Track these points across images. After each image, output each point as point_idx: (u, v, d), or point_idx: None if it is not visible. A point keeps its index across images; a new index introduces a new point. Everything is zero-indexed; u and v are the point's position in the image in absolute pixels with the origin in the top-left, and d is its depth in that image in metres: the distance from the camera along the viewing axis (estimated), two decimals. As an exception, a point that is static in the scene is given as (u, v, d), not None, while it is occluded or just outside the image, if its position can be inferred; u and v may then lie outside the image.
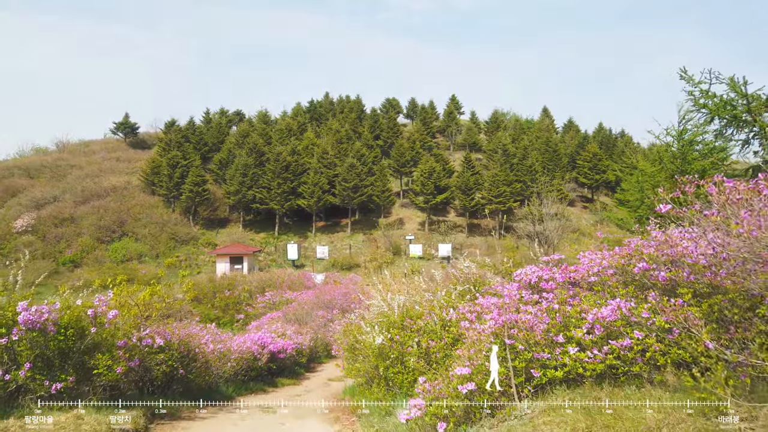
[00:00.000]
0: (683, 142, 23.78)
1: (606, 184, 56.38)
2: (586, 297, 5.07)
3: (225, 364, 10.81)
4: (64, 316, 6.57)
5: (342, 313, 20.93)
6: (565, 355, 4.66)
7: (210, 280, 31.95)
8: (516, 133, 62.78)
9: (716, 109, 11.47)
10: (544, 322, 4.88)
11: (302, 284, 29.64)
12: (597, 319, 4.54)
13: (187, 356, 9.15)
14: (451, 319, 7.65)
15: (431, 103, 73.95)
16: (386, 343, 7.76)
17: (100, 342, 6.79)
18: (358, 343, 8.74)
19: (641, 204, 31.58)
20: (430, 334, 7.73)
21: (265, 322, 18.86)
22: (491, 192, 46.98)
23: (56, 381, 6.35)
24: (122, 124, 65.07)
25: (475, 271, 8.41)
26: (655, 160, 27.35)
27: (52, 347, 6.47)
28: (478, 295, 7.00)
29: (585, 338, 4.60)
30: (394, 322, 8.12)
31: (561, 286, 6.15)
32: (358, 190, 46.52)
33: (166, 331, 9.00)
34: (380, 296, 8.38)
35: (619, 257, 5.00)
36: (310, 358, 16.45)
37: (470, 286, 8.48)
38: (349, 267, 39.34)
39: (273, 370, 13.28)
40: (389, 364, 7.67)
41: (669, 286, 4.58)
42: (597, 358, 4.40)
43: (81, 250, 40.57)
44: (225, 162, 51.92)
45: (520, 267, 9.51)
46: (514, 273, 6.86)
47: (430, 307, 8.09)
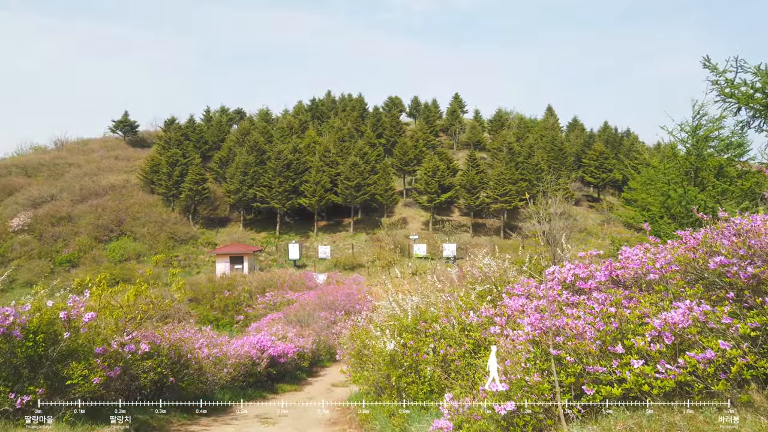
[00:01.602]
0: (698, 138, 22.80)
1: (612, 183, 55.49)
2: (645, 298, 4.24)
3: (221, 370, 10.00)
4: (33, 319, 5.77)
5: (346, 315, 20.12)
6: (625, 369, 3.84)
7: (209, 280, 31.13)
8: (520, 132, 61.90)
9: (745, 98, 10.59)
10: (597, 328, 4.06)
11: (304, 284, 28.83)
12: (666, 324, 3.71)
13: (178, 362, 8.35)
14: (471, 323, 6.83)
15: (434, 101, 73.07)
16: (398, 350, 6.94)
17: (76, 348, 5.98)
18: (366, 348, 7.92)
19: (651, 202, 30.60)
20: (448, 340, 6.91)
21: (265, 323, 18.06)
22: (496, 191, 46.12)
23: (23, 393, 5.54)
24: (121, 122, 64.25)
25: (496, 269, 7.59)
26: (668, 157, 26.35)
27: (20, 355, 5.66)
28: (503, 296, 6.17)
29: (650, 348, 3.77)
30: (406, 325, 7.30)
31: (602, 285, 5.33)
32: (361, 189, 45.68)
33: (155, 335, 8.20)
34: (391, 297, 7.55)
35: (685, 251, 4.17)
36: (313, 362, 15.65)
37: (490, 285, 7.66)
38: (352, 267, 38.51)
39: (273, 376, 12.49)
40: (402, 373, 6.85)
41: (753, 285, 3.75)
42: (670, 373, 3.57)
43: (78, 249, 39.77)
44: (225, 160, 51.12)
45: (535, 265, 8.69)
46: (546, 271, 6.04)
47: (447, 309, 7.27)
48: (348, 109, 67.06)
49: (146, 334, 7.97)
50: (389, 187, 48.26)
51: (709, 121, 21.87)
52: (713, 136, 22.34)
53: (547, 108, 74.47)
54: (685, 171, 20.98)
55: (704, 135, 21.71)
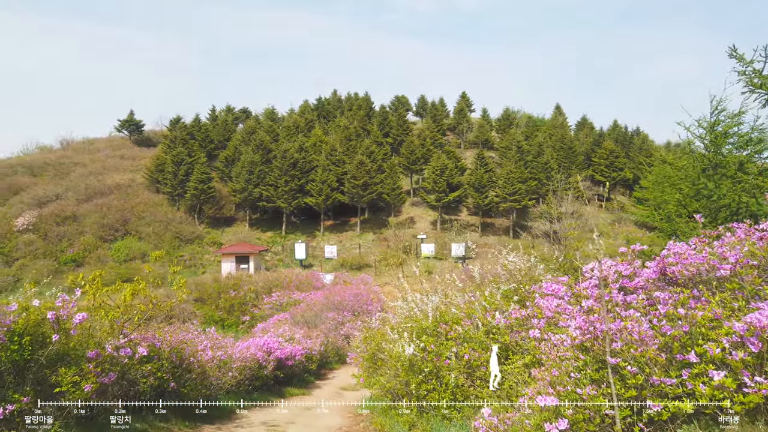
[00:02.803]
0: (716, 134, 22.02)
1: (623, 182, 54.70)
2: (715, 297, 3.65)
3: (225, 373, 9.45)
4: (19, 320, 5.23)
5: (354, 316, 19.57)
6: (698, 380, 3.25)
7: (215, 279, 30.66)
8: (529, 131, 61.14)
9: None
10: (662, 332, 3.47)
11: (311, 284, 28.30)
12: (751, 328, 3.13)
13: (179, 366, 7.80)
14: (497, 325, 6.25)
15: (441, 100, 72.36)
16: (418, 354, 6.37)
17: (66, 352, 5.44)
18: (381, 352, 7.35)
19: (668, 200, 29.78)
20: (472, 344, 6.33)
21: (271, 324, 17.53)
22: (505, 190, 45.40)
23: (7, 402, 5.01)
24: (127, 122, 63.94)
25: (522, 266, 7.00)
26: (684, 154, 25.53)
27: (4, 359, 5.13)
28: (536, 296, 5.59)
29: (731, 357, 3.18)
30: (426, 328, 6.73)
31: (651, 284, 4.75)
32: (368, 188, 45.09)
33: (156, 337, 7.66)
34: (410, 296, 6.97)
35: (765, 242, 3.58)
36: (321, 364, 15.10)
37: (516, 284, 7.08)
38: (359, 267, 37.94)
39: (280, 379, 11.94)
40: (422, 380, 6.28)
41: None
42: (761, 387, 2.98)
43: (83, 249, 39.41)
44: (231, 159, 50.66)
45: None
46: (584, 267, 5.45)
47: (470, 311, 6.69)
48: (354, 108, 66.48)
49: (146, 337, 7.43)
50: (396, 186, 47.63)
51: (727, 117, 21.13)
52: (732, 132, 21.59)
53: (555, 107, 73.66)
54: (702, 168, 20.26)
55: (723, 131, 20.98)
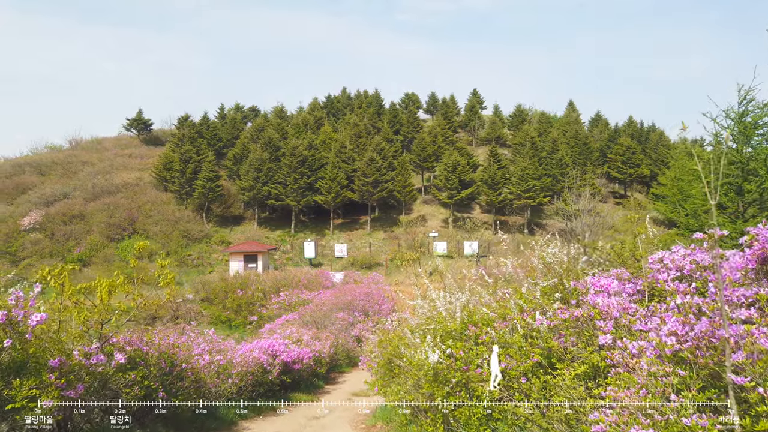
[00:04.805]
0: (745, 125, 20.64)
1: (639, 179, 53.28)
2: None
3: (225, 380, 8.53)
4: (-35, 322, 4.34)
5: (365, 316, 18.64)
6: None
7: (222, 279, 29.84)
8: (542, 127, 59.83)
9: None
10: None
11: (320, 284, 27.40)
12: None
13: (170, 373, 6.89)
14: (538, 327, 5.25)
15: (452, 97, 71.06)
16: (443, 361, 5.39)
17: (23, 360, 4.53)
18: (398, 358, 6.39)
19: (695, 194, 28.34)
20: (508, 349, 5.34)
21: (279, 324, 16.63)
22: (519, 186, 44.23)
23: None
24: (135, 120, 63.50)
25: (564, 258, 6.00)
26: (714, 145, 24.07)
27: (-54, 369, 4.24)
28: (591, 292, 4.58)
29: None
30: (452, 330, 5.75)
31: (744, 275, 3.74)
32: (378, 185, 44.13)
33: (143, 340, 6.76)
34: (433, 293, 5.99)
35: None
36: (330, 368, 14.16)
37: (556, 280, 6.08)
38: (370, 266, 36.99)
39: (286, 384, 11.00)
40: (449, 392, 5.30)
41: None
42: None
43: (90, 248, 38.84)
44: (239, 157, 49.93)
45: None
46: (651, 257, 4.45)
47: (505, 310, 5.70)
48: (364, 105, 65.56)
49: (131, 341, 6.54)
50: (407, 183, 46.61)
51: (756, 107, 19.86)
52: (762, 123, 20.27)
53: (569, 103, 72.12)
54: (729, 161, 19.04)
55: (753, 121, 19.71)
